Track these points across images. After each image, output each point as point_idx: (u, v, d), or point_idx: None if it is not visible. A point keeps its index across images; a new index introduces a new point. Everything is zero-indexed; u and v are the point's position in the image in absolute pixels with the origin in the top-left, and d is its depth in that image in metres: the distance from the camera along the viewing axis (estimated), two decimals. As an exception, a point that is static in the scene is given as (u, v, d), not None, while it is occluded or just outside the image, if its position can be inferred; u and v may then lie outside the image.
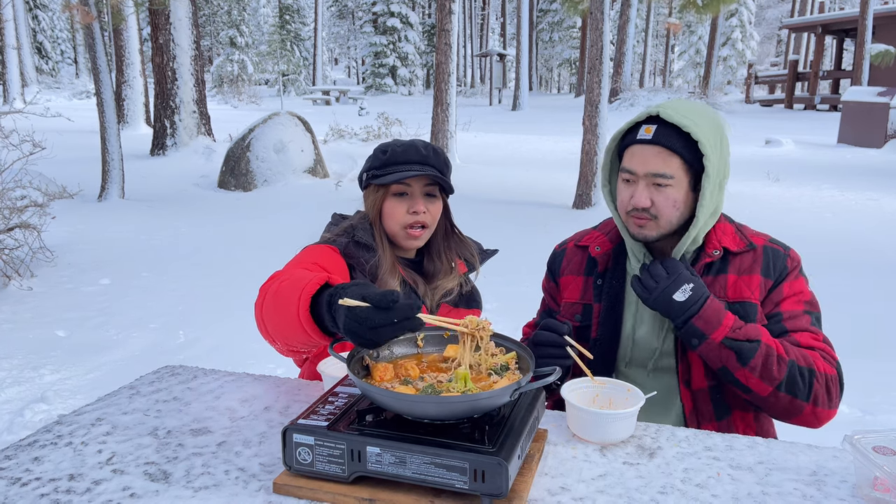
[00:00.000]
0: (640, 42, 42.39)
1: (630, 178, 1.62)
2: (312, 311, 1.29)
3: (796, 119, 21.54)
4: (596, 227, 1.87)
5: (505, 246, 2.85)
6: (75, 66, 46.08)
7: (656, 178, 1.57)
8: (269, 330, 1.45)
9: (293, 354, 1.57)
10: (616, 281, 1.73)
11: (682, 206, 1.60)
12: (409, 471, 1.09)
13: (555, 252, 1.91)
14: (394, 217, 1.77)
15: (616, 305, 1.72)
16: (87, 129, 13.53)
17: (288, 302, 1.33)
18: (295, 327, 1.31)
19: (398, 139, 1.85)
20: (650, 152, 1.57)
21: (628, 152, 1.63)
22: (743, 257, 1.65)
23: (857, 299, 5.16)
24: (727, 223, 1.71)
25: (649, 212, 1.59)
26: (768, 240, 1.69)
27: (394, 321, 1.14)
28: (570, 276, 1.82)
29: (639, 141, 1.59)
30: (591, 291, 1.77)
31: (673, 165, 1.56)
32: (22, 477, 1.20)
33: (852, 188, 10.07)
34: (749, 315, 1.59)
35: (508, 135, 16.84)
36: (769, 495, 1.15)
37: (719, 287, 1.63)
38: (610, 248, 1.76)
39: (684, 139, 1.55)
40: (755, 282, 1.62)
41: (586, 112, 8.82)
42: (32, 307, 5.10)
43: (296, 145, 10.50)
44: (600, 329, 1.73)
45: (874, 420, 3.40)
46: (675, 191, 1.58)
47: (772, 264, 1.63)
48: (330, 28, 58.70)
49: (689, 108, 1.59)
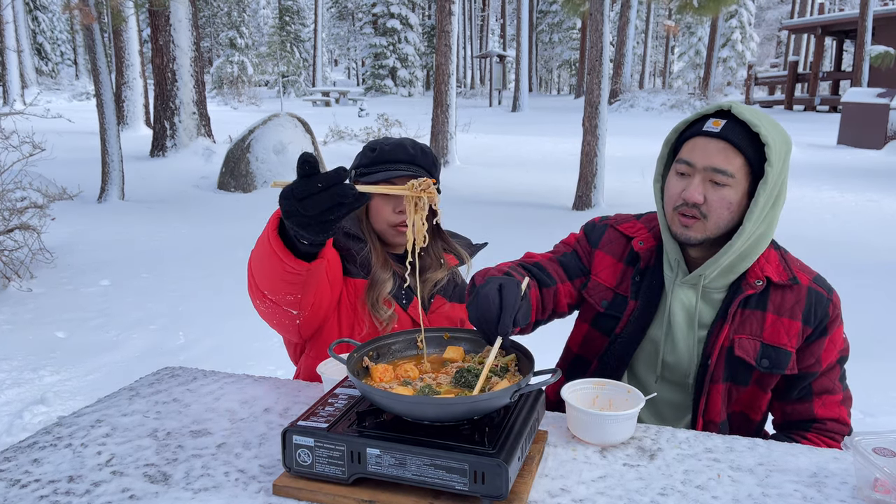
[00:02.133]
0: (639, 43, 42.41)
1: (686, 171, 1.51)
2: (284, 239, 1.38)
3: (796, 120, 21.54)
4: (638, 218, 1.75)
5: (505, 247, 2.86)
6: (75, 67, 46.08)
7: (715, 175, 1.47)
8: (256, 280, 1.51)
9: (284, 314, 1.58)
10: (655, 280, 1.64)
11: (735, 211, 1.50)
12: (409, 472, 1.09)
13: (593, 222, 1.78)
14: (380, 215, 1.78)
15: (650, 308, 1.64)
16: (87, 130, 13.54)
17: (262, 238, 1.41)
18: (270, 257, 1.39)
19: (388, 137, 1.84)
20: (715, 146, 1.47)
21: (689, 144, 1.52)
22: (785, 293, 1.56)
23: (857, 300, 5.16)
24: (773, 250, 1.61)
25: (700, 209, 1.49)
26: (813, 279, 1.59)
27: (318, 186, 1.13)
28: (607, 256, 1.71)
29: (704, 133, 1.49)
30: (627, 284, 1.67)
31: (735, 164, 1.47)
32: (21, 479, 1.20)
33: (852, 189, 10.07)
34: (782, 363, 1.54)
35: (508, 136, 16.84)
36: (769, 497, 1.15)
37: (756, 324, 1.55)
38: (654, 245, 1.66)
39: (752, 140, 1.47)
40: (795, 329, 1.54)
41: (586, 113, 8.82)
42: (32, 308, 5.09)
43: (296, 146, 10.50)
44: (628, 328, 1.65)
45: (874, 421, 3.40)
46: (732, 192, 1.48)
47: (814, 311, 1.55)
48: (330, 29, 58.71)
49: (760, 113, 1.50)
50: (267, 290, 1.50)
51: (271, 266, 1.42)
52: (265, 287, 1.50)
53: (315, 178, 1.14)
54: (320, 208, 1.15)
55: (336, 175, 1.14)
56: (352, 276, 1.77)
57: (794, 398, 1.60)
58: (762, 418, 1.66)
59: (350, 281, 1.76)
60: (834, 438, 1.58)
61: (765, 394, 1.59)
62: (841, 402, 1.60)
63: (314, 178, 1.14)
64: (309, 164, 1.13)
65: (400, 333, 1.39)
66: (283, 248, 1.37)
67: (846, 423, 1.60)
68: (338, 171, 1.14)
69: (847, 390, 1.63)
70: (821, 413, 1.59)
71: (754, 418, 1.64)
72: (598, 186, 8.85)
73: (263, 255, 1.43)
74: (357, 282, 1.76)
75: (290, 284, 1.47)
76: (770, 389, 1.59)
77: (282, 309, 1.56)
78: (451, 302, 1.89)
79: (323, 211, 1.15)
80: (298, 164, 1.14)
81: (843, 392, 1.61)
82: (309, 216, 1.16)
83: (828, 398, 1.59)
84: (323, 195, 1.14)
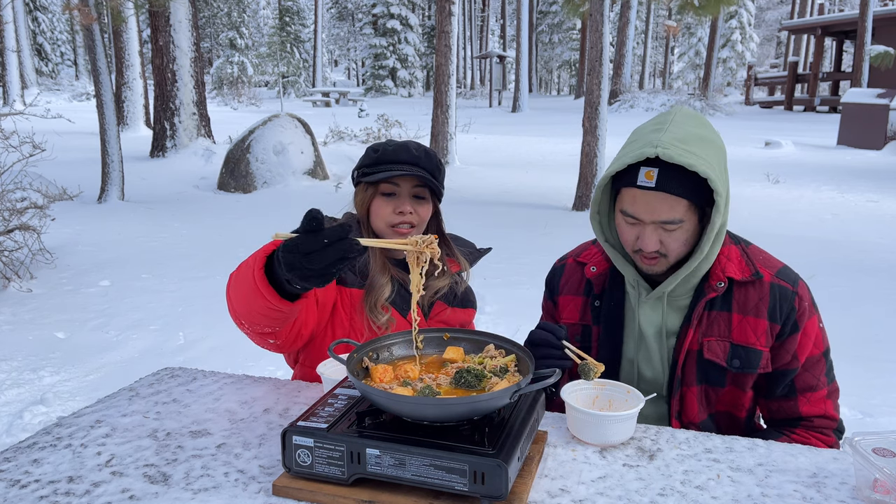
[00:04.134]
0: (639, 44, 42.42)
1: (634, 223, 1.52)
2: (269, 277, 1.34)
3: (796, 121, 21.55)
4: (594, 242, 1.78)
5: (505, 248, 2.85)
6: (75, 67, 46.10)
7: (665, 225, 1.48)
8: (235, 308, 1.48)
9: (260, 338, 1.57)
10: (614, 302, 1.67)
11: (691, 242, 1.53)
12: (409, 473, 1.09)
13: (554, 268, 1.83)
14: (381, 216, 1.76)
15: (614, 328, 1.66)
16: (87, 130, 13.55)
17: (246, 271, 1.37)
18: (254, 294, 1.35)
19: (392, 139, 1.84)
20: (655, 199, 1.45)
21: (628, 194, 1.50)
22: (748, 291, 1.56)
23: (856, 301, 5.16)
24: (733, 245, 1.61)
25: (659, 251, 1.52)
26: (776, 273, 1.58)
27: (324, 242, 1.14)
28: (568, 297, 1.76)
29: (641, 187, 1.46)
30: (589, 313, 1.71)
31: (680, 210, 1.46)
32: (21, 479, 1.20)
33: (852, 190, 10.08)
34: (753, 363, 1.55)
35: (508, 136, 16.85)
36: (769, 497, 1.15)
37: (723, 326, 1.56)
38: (606, 269, 1.70)
39: (689, 179, 1.44)
40: (762, 327, 1.54)
41: (586, 114, 8.82)
42: (32, 309, 5.09)
43: (295, 147, 10.50)
44: (600, 352, 1.68)
45: (874, 422, 3.40)
46: (683, 231, 1.50)
47: (779, 306, 1.54)
48: (330, 30, 58.74)
49: (687, 139, 1.45)
50: (244, 319, 1.48)
51: (253, 301, 1.38)
52: (242, 317, 1.48)
53: (321, 234, 1.15)
54: (325, 263, 1.16)
55: (341, 230, 1.15)
56: (347, 285, 1.74)
57: (778, 396, 1.61)
58: (748, 414, 1.66)
59: (345, 291, 1.74)
60: (824, 433, 1.59)
61: (744, 392, 1.60)
62: (826, 396, 1.60)
63: (320, 233, 1.15)
64: (316, 220, 1.15)
65: (400, 334, 1.39)
66: (270, 287, 1.34)
67: (833, 418, 1.60)
68: (342, 227, 1.16)
69: (833, 383, 1.62)
70: (806, 411, 1.59)
71: (739, 415, 1.64)
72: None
73: (246, 290, 1.39)
74: (353, 291, 1.74)
75: (270, 319, 1.44)
76: (749, 388, 1.59)
77: (256, 334, 1.54)
78: (453, 307, 1.88)
79: (327, 265, 1.17)
80: (305, 220, 1.15)
81: (828, 386, 1.61)
82: (313, 270, 1.17)
83: (812, 395, 1.59)
84: (329, 251, 1.15)
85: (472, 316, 1.98)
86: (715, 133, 1.54)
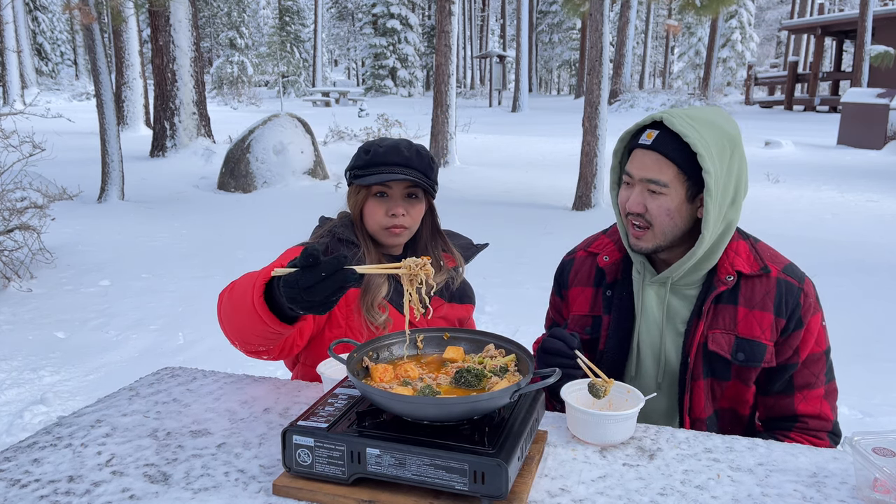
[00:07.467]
0: (639, 43, 42.43)
1: (629, 182, 1.59)
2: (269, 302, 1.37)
3: (796, 120, 21.54)
4: (605, 232, 1.81)
5: (505, 247, 2.86)
6: (75, 67, 46.08)
7: (650, 185, 1.53)
8: (229, 329, 1.50)
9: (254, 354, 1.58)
10: (626, 292, 1.68)
11: (676, 217, 1.55)
12: (409, 472, 1.09)
13: (563, 262, 1.84)
14: (373, 218, 1.77)
15: (626, 317, 1.67)
16: (87, 130, 13.54)
17: (244, 296, 1.39)
18: (252, 318, 1.37)
19: (384, 138, 1.82)
20: (649, 158, 1.54)
21: (632, 155, 1.60)
22: (755, 285, 1.58)
23: (857, 300, 5.16)
24: (742, 240, 1.64)
25: (644, 218, 1.56)
26: (783, 269, 1.60)
27: (322, 276, 1.19)
28: (578, 288, 1.77)
29: (640, 145, 1.55)
30: (600, 303, 1.72)
31: (668, 174, 1.52)
32: (21, 479, 1.20)
33: (852, 189, 10.08)
34: (757, 356, 1.55)
35: (508, 136, 16.84)
36: (769, 497, 1.15)
37: (729, 318, 1.58)
38: (619, 258, 1.71)
39: (685, 148, 1.50)
40: (767, 321, 1.56)
41: (586, 113, 8.82)
42: (32, 309, 5.09)
43: (295, 147, 10.50)
44: (608, 341, 1.68)
45: (874, 421, 3.40)
46: (668, 199, 1.53)
47: (784, 301, 1.56)
48: (330, 29, 58.72)
49: (696, 117, 1.52)
50: (238, 338, 1.50)
51: (252, 325, 1.40)
52: (236, 337, 1.50)
53: (318, 268, 1.19)
54: (325, 294, 1.21)
55: (337, 262, 1.20)
56: None
57: (775, 391, 1.61)
58: (751, 412, 1.66)
59: None
60: (818, 437, 1.59)
61: (748, 387, 1.60)
62: (823, 396, 1.60)
63: (317, 268, 1.19)
64: (313, 257, 1.19)
65: (400, 333, 1.39)
66: (271, 314, 1.37)
67: (828, 419, 1.60)
68: (338, 259, 1.20)
69: (831, 384, 1.62)
70: (802, 409, 1.59)
71: (743, 413, 1.65)
72: (598, 186, 8.86)
73: (244, 314, 1.40)
74: (350, 291, 1.73)
75: (267, 339, 1.47)
76: (752, 382, 1.60)
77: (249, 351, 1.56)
78: (450, 303, 1.88)
79: (327, 296, 1.21)
80: (303, 257, 1.19)
81: (826, 386, 1.61)
82: (314, 301, 1.21)
83: (809, 392, 1.59)
84: (327, 282, 1.19)
85: (471, 311, 1.97)
86: (732, 126, 1.57)
